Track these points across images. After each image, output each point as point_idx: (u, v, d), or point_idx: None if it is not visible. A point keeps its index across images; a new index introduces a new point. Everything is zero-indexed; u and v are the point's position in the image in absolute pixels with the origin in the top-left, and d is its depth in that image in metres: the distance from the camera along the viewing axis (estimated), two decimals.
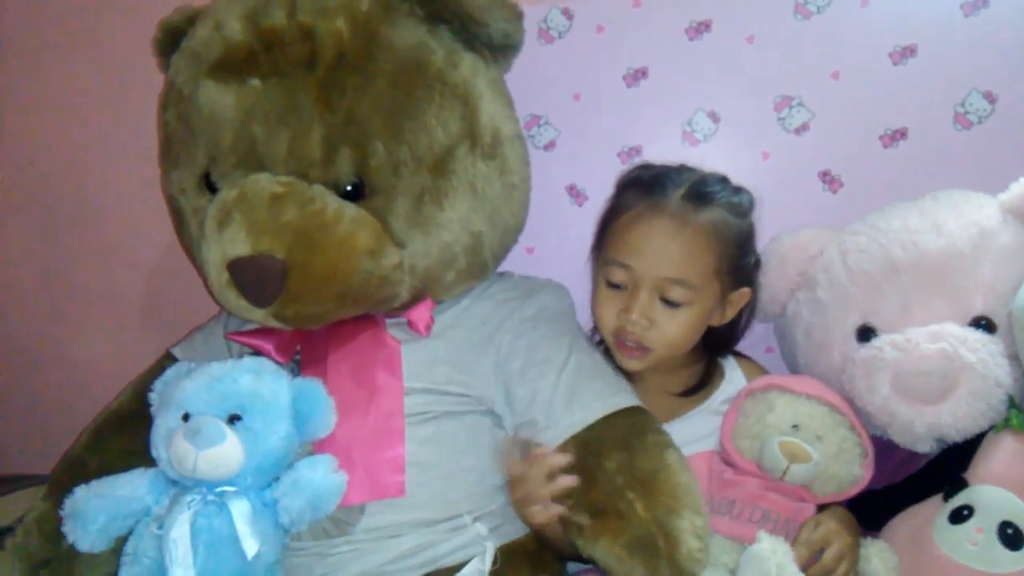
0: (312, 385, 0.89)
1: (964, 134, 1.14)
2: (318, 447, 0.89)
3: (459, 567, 0.88)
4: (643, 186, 1.00)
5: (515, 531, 0.95)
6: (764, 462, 0.94)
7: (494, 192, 0.95)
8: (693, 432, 1.00)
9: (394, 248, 0.90)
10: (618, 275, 0.98)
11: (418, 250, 0.92)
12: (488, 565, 0.88)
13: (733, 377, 1.06)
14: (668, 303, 0.96)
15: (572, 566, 1.00)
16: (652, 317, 0.96)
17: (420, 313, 0.95)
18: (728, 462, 0.97)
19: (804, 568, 0.87)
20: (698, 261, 0.96)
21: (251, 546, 0.80)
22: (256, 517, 0.83)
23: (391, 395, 0.91)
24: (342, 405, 0.89)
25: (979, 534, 0.85)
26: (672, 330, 0.97)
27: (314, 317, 0.91)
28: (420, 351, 0.95)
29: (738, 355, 1.09)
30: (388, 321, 0.96)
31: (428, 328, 0.95)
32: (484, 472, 0.94)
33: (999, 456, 0.89)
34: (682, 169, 1.01)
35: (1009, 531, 0.84)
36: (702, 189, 0.98)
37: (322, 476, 0.84)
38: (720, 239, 0.97)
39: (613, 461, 0.88)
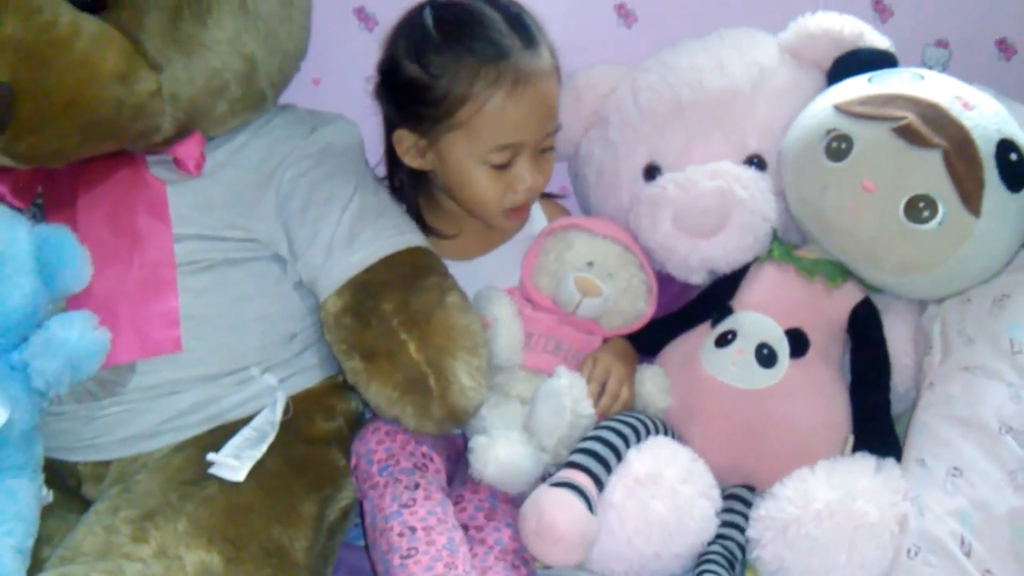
0: (58, 232, 0.78)
1: None
2: (74, 303, 0.80)
3: (247, 420, 0.84)
4: (477, 56, 0.88)
5: (307, 381, 0.92)
6: (559, 296, 0.96)
7: (268, 9, 0.85)
8: (498, 268, 1.01)
9: (149, 72, 0.79)
10: (503, 156, 0.92)
11: (179, 75, 0.81)
12: (279, 415, 0.84)
13: (536, 216, 1.06)
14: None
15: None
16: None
17: (188, 149, 0.85)
18: (527, 298, 0.99)
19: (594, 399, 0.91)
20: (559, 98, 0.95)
21: None
22: (4, 382, 0.74)
23: (157, 242, 0.83)
24: (98, 255, 0.80)
25: (740, 355, 0.91)
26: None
27: (55, 153, 0.79)
28: (191, 193, 0.86)
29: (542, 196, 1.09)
30: (150, 159, 0.86)
31: (199, 166, 0.86)
32: (272, 322, 0.89)
33: (760, 284, 0.96)
34: (470, 8, 0.91)
35: (764, 351, 0.91)
36: (525, 26, 0.91)
37: (79, 334, 0.76)
38: (557, 64, 0.95)
39: (390, 303, 0.85)
